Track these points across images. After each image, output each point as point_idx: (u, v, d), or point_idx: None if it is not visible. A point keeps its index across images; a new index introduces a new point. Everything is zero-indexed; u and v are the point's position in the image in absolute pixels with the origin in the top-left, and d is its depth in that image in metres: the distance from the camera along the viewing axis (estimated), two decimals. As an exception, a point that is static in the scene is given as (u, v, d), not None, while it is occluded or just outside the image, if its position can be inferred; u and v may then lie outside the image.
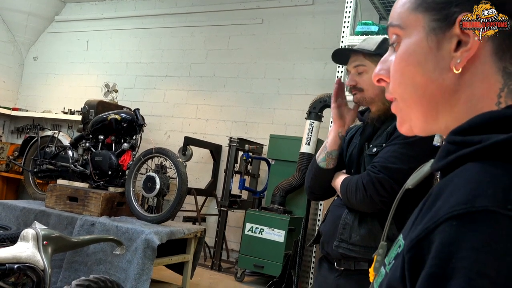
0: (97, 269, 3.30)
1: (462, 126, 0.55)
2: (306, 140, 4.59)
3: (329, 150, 1.72)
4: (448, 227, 0.45)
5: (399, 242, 0.57)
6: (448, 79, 0.58)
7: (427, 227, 0.47)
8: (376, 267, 0.69)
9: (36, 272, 2.15)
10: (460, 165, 0.52)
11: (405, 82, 0.62)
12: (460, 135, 0.54)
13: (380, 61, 0.69)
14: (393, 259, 0.56)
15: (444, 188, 0.50)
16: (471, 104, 0.58)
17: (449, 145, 0.55)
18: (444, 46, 0.59)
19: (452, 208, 0.46)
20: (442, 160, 0.56)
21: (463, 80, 0.58)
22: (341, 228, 1.61)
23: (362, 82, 1.67)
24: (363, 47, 1.68)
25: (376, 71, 0.69)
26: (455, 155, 0.53)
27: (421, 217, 0.50)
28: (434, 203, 0.50)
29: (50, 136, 4.45)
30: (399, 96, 0.64)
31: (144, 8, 7.27)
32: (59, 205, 3.81)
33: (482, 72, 0.57)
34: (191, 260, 3.81)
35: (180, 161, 3.63)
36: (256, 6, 6.27)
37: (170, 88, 6.77)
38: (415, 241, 0.48)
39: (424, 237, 0.47)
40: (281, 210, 4.69)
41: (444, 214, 0.46)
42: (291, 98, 5.88)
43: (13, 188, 7.20)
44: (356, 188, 1.57)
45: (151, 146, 3.76)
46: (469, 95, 0.58)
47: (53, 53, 8.02)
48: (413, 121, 0.64)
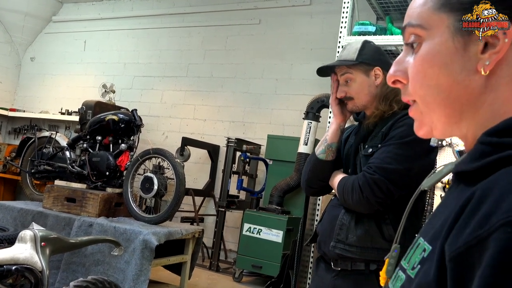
0: (95, 270, 3.29)
1: (497, 127, 0.54)
2: (304, 140, 4.59)
3: (329, 142, 1.72)
4: (503, 234, 0.43)
5: (422, 245, 0.55)
6: (474, 81, 0.57)
7: (479, 234, 0.45)
8: (389, 270, 0.66)
9: (34, 274, 2.14)
10: (500, 168, 0.49)
11: (428, 84, 0.60)
12: (496, 136, 0.53)
13: (395, 62, 0.66)
14: (418, 264, 0.54)
15: (489, 192, 0.47)
16: (494, 107, 0.56)
17: (483, 146, 0.54)
18: (471, 48, 0.57)
19: (505, 214, 0.43)
20: (476, 161, 0.53)
21: (489, 83, 0.56)
22: (337, 229, 1.61)
23: (351, 91, 1.69)
24: (345, 58, 1.69)
25: (391, 72, 0.66)
26: (495, 156, 0.51)
27: (464, 221, 0.48)
28: (479, 207, 0.47)
29: (48, 137, 4.45)
30: (421, 99, 0.62)
31: (142, 8, 7.26)
32: (56, 206, 3.80)
33: (508, 75, 0.56)
34: (189, 261, 3.81)
35: (178, 162, 3.62)
36: (254, 7, 6.27)
37: (167, 89, 6.77)
38: (463, 248, 0.46)
39: (475, 245, 0.45)
40: (279, 210, 4.69)
41: (497, 221, 0.44)
42: (289, 98, 5.88)
43: (10, 189, 7.19)
44: (352, 189, 1.57)
45: (148, 146, 3.76)
46: (493, 98, 0.57)
47: (50, 54, 8.00)
48: (435, 124, 0.62)
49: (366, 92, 1.67)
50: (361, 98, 1.68)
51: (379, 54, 1.71)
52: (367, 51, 1.68)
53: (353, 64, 1.66)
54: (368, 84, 1.67)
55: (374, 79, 1.66)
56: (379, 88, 1.66)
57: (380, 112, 1.64)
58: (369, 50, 1.69)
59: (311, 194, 2.16)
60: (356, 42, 1.72)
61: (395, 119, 1.60)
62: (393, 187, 1.51)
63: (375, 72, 1.67)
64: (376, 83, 1.66)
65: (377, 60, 1.68)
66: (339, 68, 1.70)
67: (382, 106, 1.64)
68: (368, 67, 1.67)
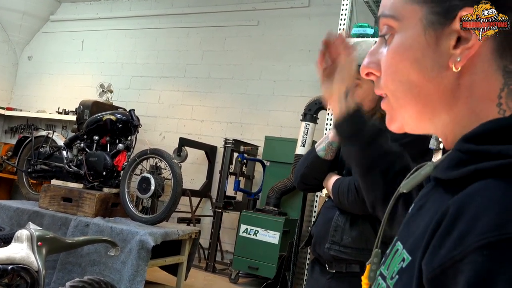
0: (91, 270, 3.29)
1: (474, 132, 0.52)
2: (301, 142, 4.59)
3: (331, 139, 1.70)
4: (479, 256, 0.41)
5: (401, 253, 0.53)
6: (446, 77, 0.55)
7: (453, 256, 0.43)
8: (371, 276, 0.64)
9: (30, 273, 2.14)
10: (477, 179, 0.47)
11: (398, 79, 0.58)
12: (473, 143, 0.51)
13: (369, 53, 0.63)
14: (396, 274, 0.52)
15: (466, 208, 0.45)
16: (471, 104, 0.54)
17: (460, 154, 0.51)
18: (443, 42, 0.54)
19: (481, 236, 0.42)
20: (452, 169, 0.51)
21: (462, 79, 0.54)
22: (332, 230, 1.61)
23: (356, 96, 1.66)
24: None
25: (364, 64, 0.63)
26: (473, 167, 0.48)
27: (440, 239, 0.46)
28: (454, 225, 0.45)
29: (45, 136, 4.43)
30: (391, 93, 0.60)
31: (140, 8, 7.26)
32: (53, 206, 3.79)
33: (482, 71, 0.53)
34: (185, 262, 3.81)
35: (175, 162, 3.62)
36: (252, 8, 6.28)
37: (165, 89, 6.76)
38: (438, 270, 0.44)
39: (450, 267, 0.43)
40: (276, 211, 4.69)
41: (472, 242, 0.42)
42: (287, 99, 5.88)
43: (6, 188, 7.16)
44: (348, 190, 1.56)
45: (146, 147, 3.75)
46: (468, 95, 0.54)
47: (47, 53, 7.99)
48: (406, 120, 0.60)
49: (370, 99, 1.64)
50: (365, 104, 1.63)
51: None
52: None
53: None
54: (373, 91, 1.65)
55: None
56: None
57: (380, 116, 1.63)
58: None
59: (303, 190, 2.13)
60: (367, 45, 1.68)
61: None
62: None
63: None
64: None
65: None
66: None
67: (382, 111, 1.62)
68: None
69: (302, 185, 1.79)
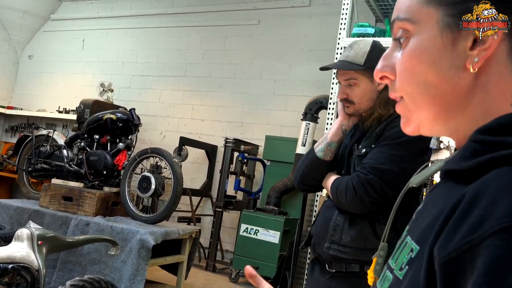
0: (92, 269, 3.29)
1: (489, 125, 0.52)
2: (302, 141, 4.59)
3: (329, 140, 1.71)
4: (498, 240, 0.41)
5: (410, 245, 0.53)
6: (463, 78, 0.55)
7: (471, 239, 0.43)
8: (377, 269, 0.65)
9: (30, 272, 2.14)
10: (493, 168, 0.48)
11: (416, 81, 0.59)
12: (489, 134, 0.51)
13: (383, 57, 0.64)
14: (405, 265, 0.52)
15: (481, 194, 0.45)
16: (485, 105, 0.55)
17: (475, 144, 0.52)
18: (460, 44, 0.55)
19: (500, 220, 0.42)
20: (467, 160, 0.52)
21: (478, 80, 0.55)
22: (331, 230, 1.61)
23: (353, 95, 1.65)
24: (352, 59, 1.63)
25: (378, 67, 0.64)
26: (488, 156, 0.49)
27: (454, 225, 0.46)
28: (470, 210, 0.45)
29: (45, 135, 4.43)
30: (408, 96, 0.61)
31: (141, 7, 7.25)
32: (53, 205, 3.79)
33: (498, 72, 0.54)
34: (185, 261, 3.81)
35: (176, 161, 3.62)
36: (253, 7, 6.27)
37: (166, 88, 6.76)
38: (454, 254, 0.44)
39: (467, 251, 0.43)
40: (276, 211, 4.69)
41: (491, 226, 0.42)
42: (287, 99, 5.88)
43: (7, 187, 7.17)
44: (346, 189, 1.56)
45: (146, 146, 3.75)
46: (483, 95, 0.55)
47: (48, 52, 7.98)
48: (422, 122, 0.61)
49: (368, 98, 1.64)
50: (362, 103, 1.65)
51: None
52: (375, 55, 1.61)
53: (362, 69, 1.61)
54: (371, 90, 1.64)
55: (377, 85, 1.62)
56: (381, 93, 1.63)
57: (378, 115, 1.63)
58: (378, 54, 1.65)
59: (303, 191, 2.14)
60: (365, 43, 1.66)
61: (389, 120, 1.60)
62: (387, 187, 1.51)
63: None
64: (379, 88, 1.63)
65: None
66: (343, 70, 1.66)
67: (381, 111, 1.61)
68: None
69: (302, 186, 1.79)
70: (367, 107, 1.66)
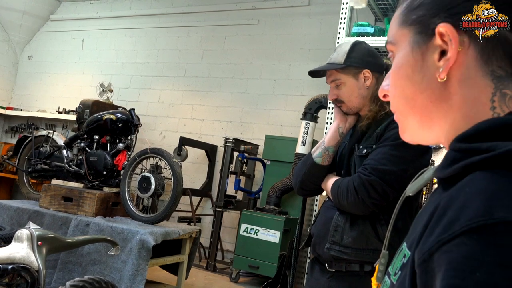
0: (92, 269, 3.29)
1: (467, 132, 0.54)
2: (302, 141, 4.59)
3: (326, 145, 1.71)
4: (468, 240, 0.43)
5: (403, 251, 0.56)
6: (437, 88, 0.59)
7: (441, 239, 0.45)
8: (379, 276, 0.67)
9: (30, 273, 2.13)
10: (468, 174, 0.50)
11: (398, 95, 0.65)
12: (465, 142, 0.53)
13: (386, 76, 0.70)
14: (399, 270, 0.55)
15: (455, 198, 0.48)
16: (465, 110, 0.57)
17: (454, 153, 0.54)
18: (429, 58, 0.60)
19: (469, 221, 0.44)
20: (447, 168, 0.54)
21: (451, 87, 0.58)
22: (332, 230, 1.60)
23: (341, 95, 1.69)
24: (334, 61, 1.69)
25: (383, 86, 0.71)
26: (463, 163, 0.51)
27: (431, 229, 0.49)
28: (444, 213, 0.48)
29: (45, 136, 4.43)
30: (396, 108, 0.66)
31: (140, 7, 7.25)
32: (53, 205, 3.79)
33: (469, 77, 0.57)
34: (186, 261, 3.81)
35: (175, 162, 3.62)
36: (252, 7, 6.27)
37: (165, 88, 6.76)
38: (427, 254, 0.46)
39: (437, 249, 0.45)
40: (276, 210, 4.69)
41: (460, 227, 0.44)
42: (287, 98, 5.88)
43: (7, 188, 7.17)
44: (347, 190, 1.56)
45: (146, 146, 3.75)
46: (461, 101, 0.58)
47: (48, 53, 7.98)
48: (411, 131, 0.66)
49: (356, 95, 1.67)
50: (352, 101, 1.68)
51: (368, 56, 1.70)
52: (356, 54, 1.67)
53: (341, 67, 1.66)
54: (357, 87, 1.68)
55: (364, 82, 1.67)
56: (370, 90, 1.66)
57: (373, 114, 1.64)
58: (358, 53, 1.68)
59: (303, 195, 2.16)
60: (346, 44, 1.71)
61: (390, 120, 1.60)
62: (388, 188, 1.51)
63: (364, 74, 1.67)
64: (366, 85, 1.67)
65: (366, 62, 1.67)
66: (328, 73, 1.71)
67: (373, 107, 1.65)
68: (357, 70, 1.67)
69: (301, 191, 1.81)
70: (359, 104, 1.68)
